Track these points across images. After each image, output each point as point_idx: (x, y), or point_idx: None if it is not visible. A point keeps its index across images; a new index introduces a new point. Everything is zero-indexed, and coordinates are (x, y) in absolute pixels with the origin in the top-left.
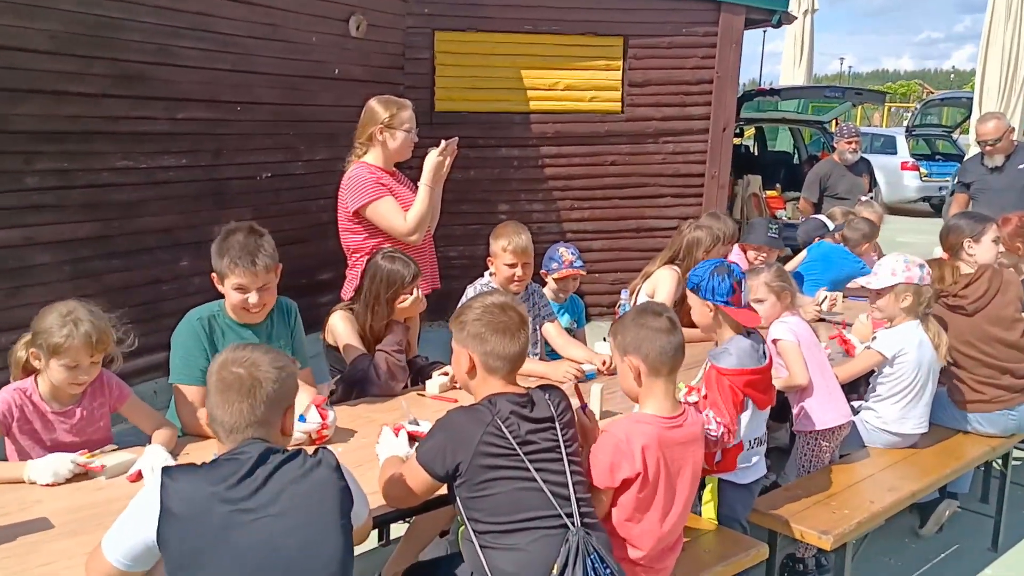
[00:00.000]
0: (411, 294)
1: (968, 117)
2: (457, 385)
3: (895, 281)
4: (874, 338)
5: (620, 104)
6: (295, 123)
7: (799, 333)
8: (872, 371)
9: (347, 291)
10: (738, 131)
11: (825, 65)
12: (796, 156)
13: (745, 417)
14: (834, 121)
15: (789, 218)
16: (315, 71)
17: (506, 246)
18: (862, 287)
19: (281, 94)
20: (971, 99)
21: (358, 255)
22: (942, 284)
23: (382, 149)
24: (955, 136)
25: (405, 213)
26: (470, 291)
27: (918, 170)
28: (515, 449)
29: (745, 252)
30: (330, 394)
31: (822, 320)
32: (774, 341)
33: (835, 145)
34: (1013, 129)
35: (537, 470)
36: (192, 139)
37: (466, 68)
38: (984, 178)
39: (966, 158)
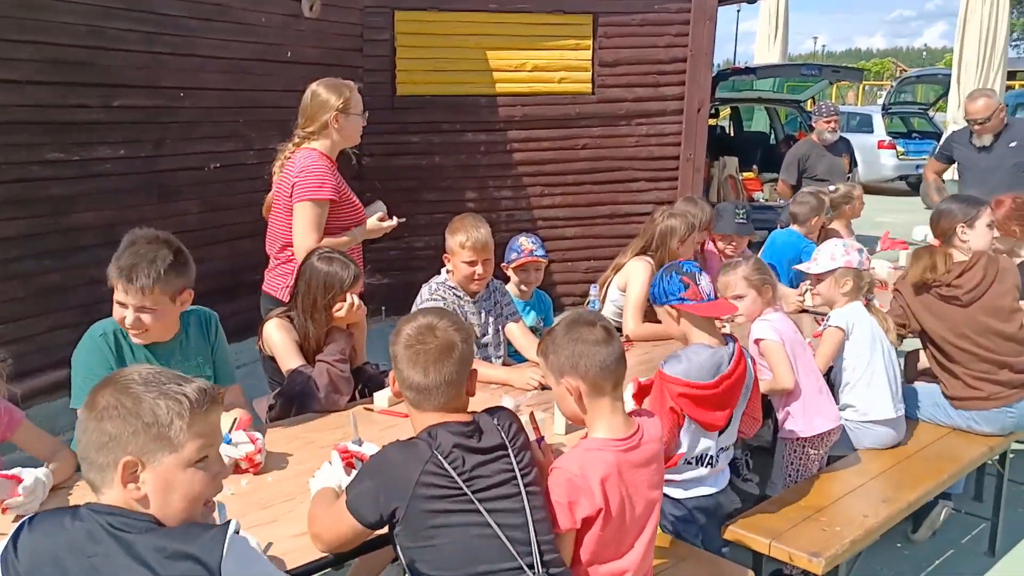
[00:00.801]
0: (347, 300)
1: (944, 94)
2: None
3: (834, 266)
4: (826, 323)
5: (591, 85)
6: (245, 109)
7: (783, 332)
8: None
9: (275, 287)
10: (713, 112)
11: (799, 45)
12: (773, 136)
13: (685, 433)
14: (810, 100)
15: (767, 200)
16: (266, 54)
17: (464, 242)
18: (803, 272)
19: (229, 79)
20: (947, 76)
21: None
22: (934, 273)
23: (334, 137)
24: (931, 114)
25: (318, 234)
26: (425, 291)
27: (895, 148)
28: (461, 488)
29: (714, 242)
30: (269, 409)
31: (804, 311)
32: (756, 341)
33: (813, 125)
34: (1004, 107)
35: (490, 511)
36: (130, 128)
37: (428, 49)
38: (971, 157)
39: (954, 130)
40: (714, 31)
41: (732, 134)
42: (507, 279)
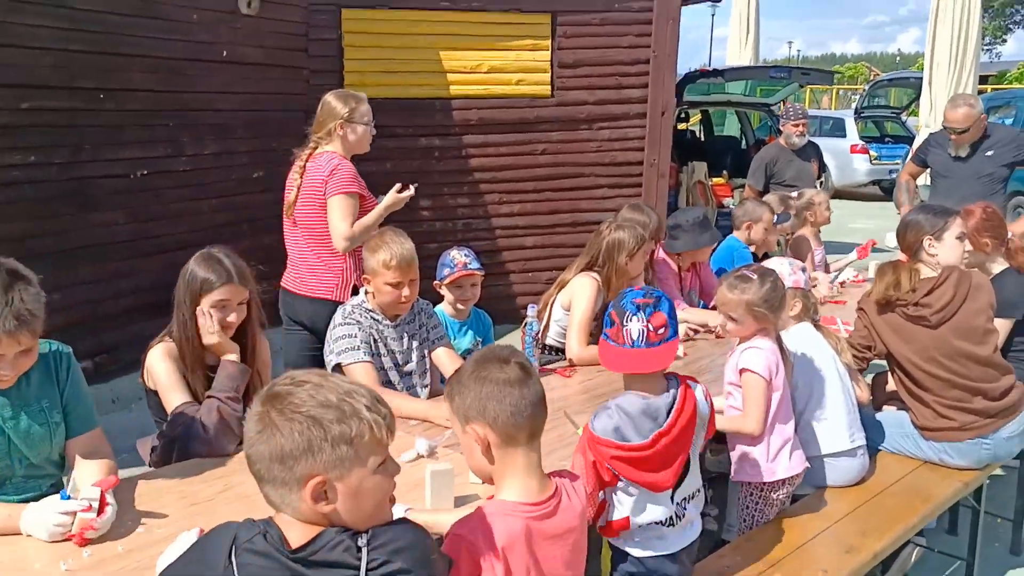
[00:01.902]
0: (222, 311)
1: (917, 98)
2: None
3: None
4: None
5: (550, 87)
6: (176, 113)
7: (772, 368)
8: None
9: (329, 290)
10: (683, 115)
11: (774, 50)
12: (744, 141)
13: (627, 496)
14: (782, 103)
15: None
16: (198, 53)
17: (388, 261)
18: None
19: (157, 79)
20: (919, 79)
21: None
22: (899, 291)
23: (342, 143)
24: (904, 117)
25: (353, 221)
26: (338, 316)
27: (868, 153)
28: None
29: (674, 257)
30: (152, 451)
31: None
32: (742, 371)
33: (781, 128)
34: (985, 117)
35: None
36: (44, 132)
37: (378, 50)
38: (946, 164)
39: (932, 133)
40: (678, 31)
41: (703, 138)
42: (440, 298)
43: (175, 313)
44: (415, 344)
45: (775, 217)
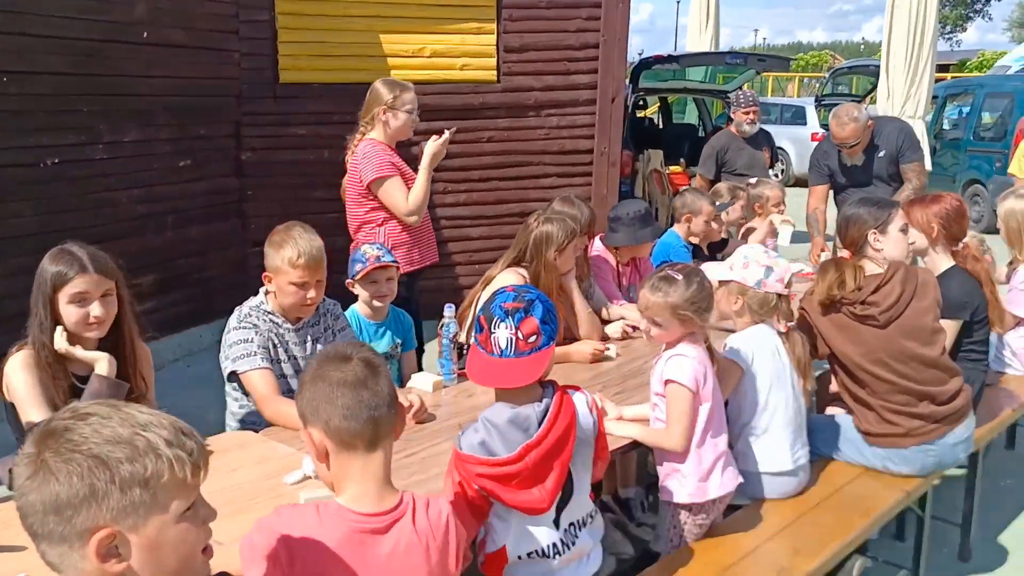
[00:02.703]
0: (81, 304)
1: (877, 86)
2: None
3: (728, 276)
4: (726, 347)
5: (495, 72)
6: (91, 97)
7: (699, 378)
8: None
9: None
10: (641, 103)
11: (741, 38)
12: (702, 129)
13: (502, 522)
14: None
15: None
16: (115, 34)
17: (294, 258)
18: None
19: (69, 62)
20: (879, 67)
21: (369, 227)
22: (843, 290)
23: (384, 129)
24: (865, 105)
25: (405, 196)
26: (233, 319)
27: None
28: None
29: (612, 252)
30: (10, 473)
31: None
32: (667, 381)
33: (732, 115)
34: (871, 124)
35: None
36: None
37: (314, 32)
38: (846, 170)
39: (818, 147)
40: (628, 14)
41: (662, 126)
42: (355, 297)
43: (30, 316)
44: (320, 348)
45: (718, 205)
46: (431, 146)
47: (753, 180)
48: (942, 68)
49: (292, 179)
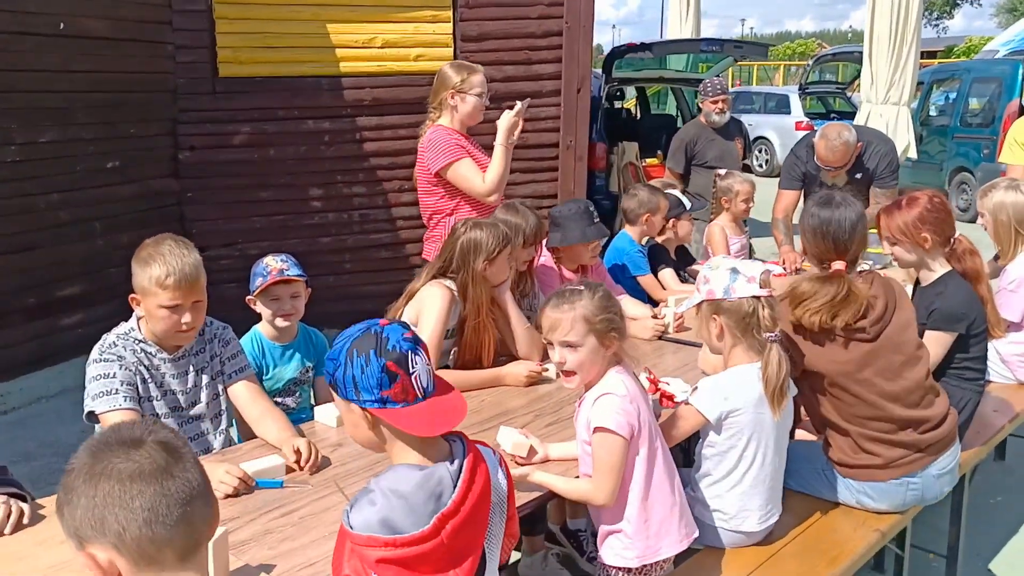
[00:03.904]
0: None
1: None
2: None
3: (698, 298)
4: (695, 388)
5: None
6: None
7: (634, 422)
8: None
9: (429, 252)
10: (618, 93)
11: (728, 29)
12: (680, 120)
13: None
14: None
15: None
16: (27, 25)
17: (162, 278)
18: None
19: None
20: (863, 53)
21: (438, 216)
22: (844, 317)
23: (453, 113)
24: (849, 93)
25: (483, 174)
26: (95, 350)
27: (813, 129)
28: None
29: (556, 257)
30: None
31: (661, 338)
32: (596, 429)
33: (700, 105)
34: (860, 145)
35: None
36: None
37: (255, 22)
38: (822, 186)
39: (794, 150)
40: (593, 1)
41: (639, 117)
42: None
43: None
44: (204, 380)
45: (689, 204)
46: (505, 119)
47: (722, 172)
48: (929, 55)
49: (236, 180)
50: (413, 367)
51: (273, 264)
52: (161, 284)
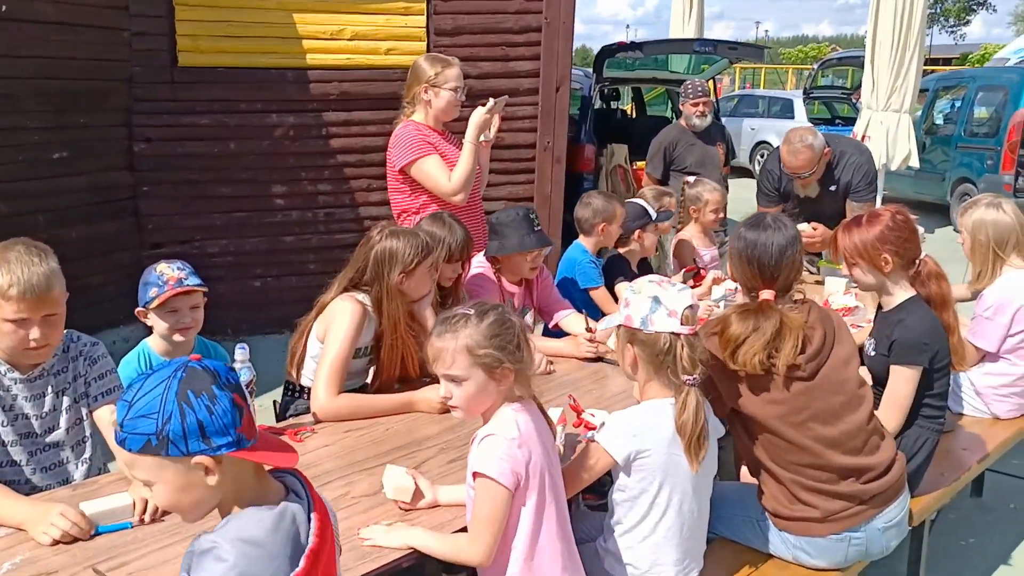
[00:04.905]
0: None
1: None
2: None
3: (614, 321)
4: (602, 424)
5: None
6: None
7: (520, 471)
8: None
9: None
10: (612, 93)
11: (744, 32)
12: (674, 121)
13: None
14: (712, 80)
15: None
16: None
17: (5, 288)
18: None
19: None
20: None
21: (406, 215)
22: (778, 357)
23: (427, 108)
24: (855, 99)
25: (451, 172)
26: None
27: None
28: None
29: (496, 268)
30: None
31: (602, 359)
32: (475, 474)
33: (680, 107)
34: (829, 151)
35: None
36: None
37: (218, 10)
38: (797, 200)
39: (768, 159)
40: None
41: (635, 117)
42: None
43: None
44: (65, 403)
45: (654, 214)
46: (476, 115)
47: (691, 179)
48: (944, 62)
49: (194, 174)
50: (247, 396)
51: (169, 272)
52: (4, 295)
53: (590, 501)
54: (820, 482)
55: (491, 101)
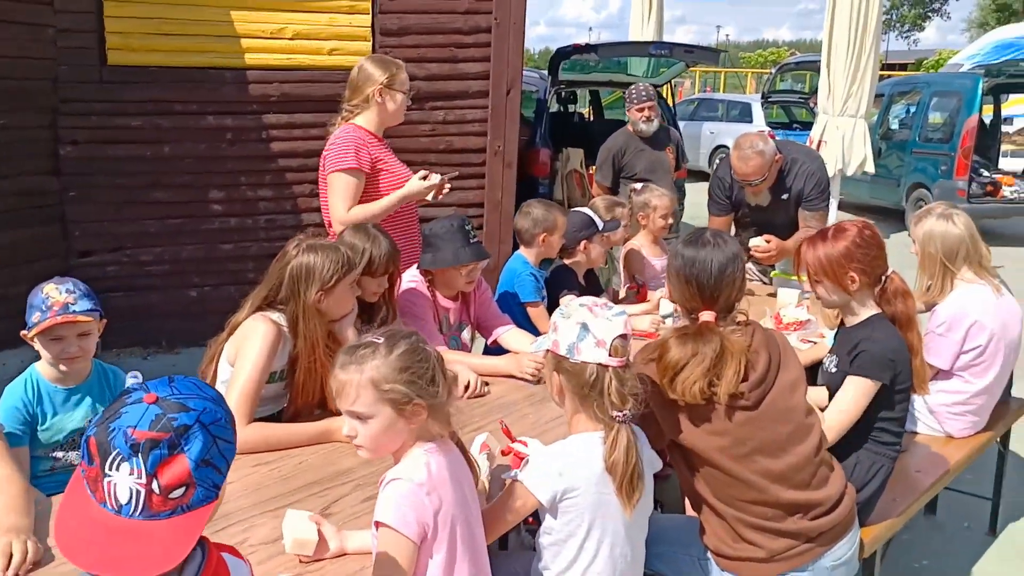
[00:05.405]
0: None
1: None
2: None
3: (544, 344)
4: (525, 462)
5: None
6: None
7: (427, 521)
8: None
9: None
10: (570, 96)
11: (706, 36)
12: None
13: None
14: (668, 85)
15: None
16: None
17: None
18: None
19: None
20: None
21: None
22: (718, 386)
23: (378, 112)
24: (812, 104)
25: (351, 203)
26: None
27: (775, 140)
28: None
29: (429, 281)
30: None
31: (540, 381)
32: (377, 524)
33: (627, 113)
34: (780, 157)
35: None
36: None
37: (149, 6)
38: (749, 208)
39: (718, 168)
40: None
41: (593, 120)
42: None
43: None
44: None
45: (601, 224)
46: (415, 184)
47: (638, 186)
48: (900, 67)
49: (126, 179)
50: (111, 470)
51: (55, 296)
52: None
53: (532, 526)
54: (765, 519)
55: (435, 177)
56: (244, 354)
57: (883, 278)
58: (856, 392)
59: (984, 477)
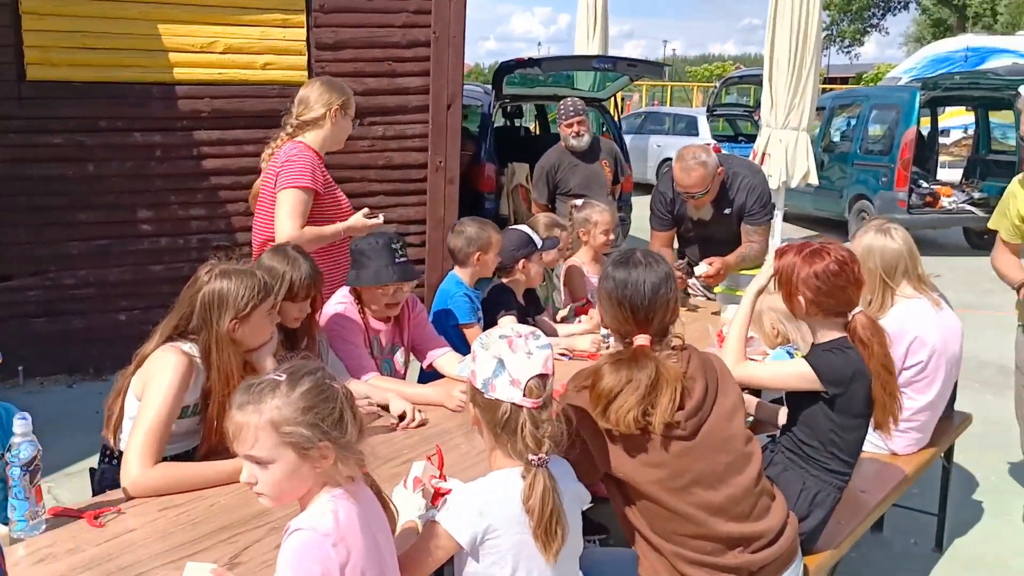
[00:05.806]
0: None
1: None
2: None
3: (463, 373)
4: (443, 502)
5: (306, 72)
6: None
7: (330, 569)
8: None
9: None
10: (516, 111)
11: (653, 51)
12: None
13: None
14: (612, 98)
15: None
16: None
17: None
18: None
19: None
20: None
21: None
22: (653, 414)
23: (328, 132)
24: (756, 117)
25: (302, 222)
26: None
27: (720, 153)
28: None
29: (359, 302)
30: None
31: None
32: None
33: (559, 130)
34: (722, 170)
35: None
36: None
37: (71, 20)
38: (691, 223)
39: (659, 187)
40: (464, 9)
41: (538, 134)
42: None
43: None
44: None
45: (540, 242)
46: (360, 220)
47: (578, 202)
48: (841, 80)
49: (47, 199)
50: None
51: None
52: None
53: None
54: (704, 553)
55: (380, 218)
56: (152, 388)
57: (847, 317)
58: (795, 369)
59: (929, 492)
